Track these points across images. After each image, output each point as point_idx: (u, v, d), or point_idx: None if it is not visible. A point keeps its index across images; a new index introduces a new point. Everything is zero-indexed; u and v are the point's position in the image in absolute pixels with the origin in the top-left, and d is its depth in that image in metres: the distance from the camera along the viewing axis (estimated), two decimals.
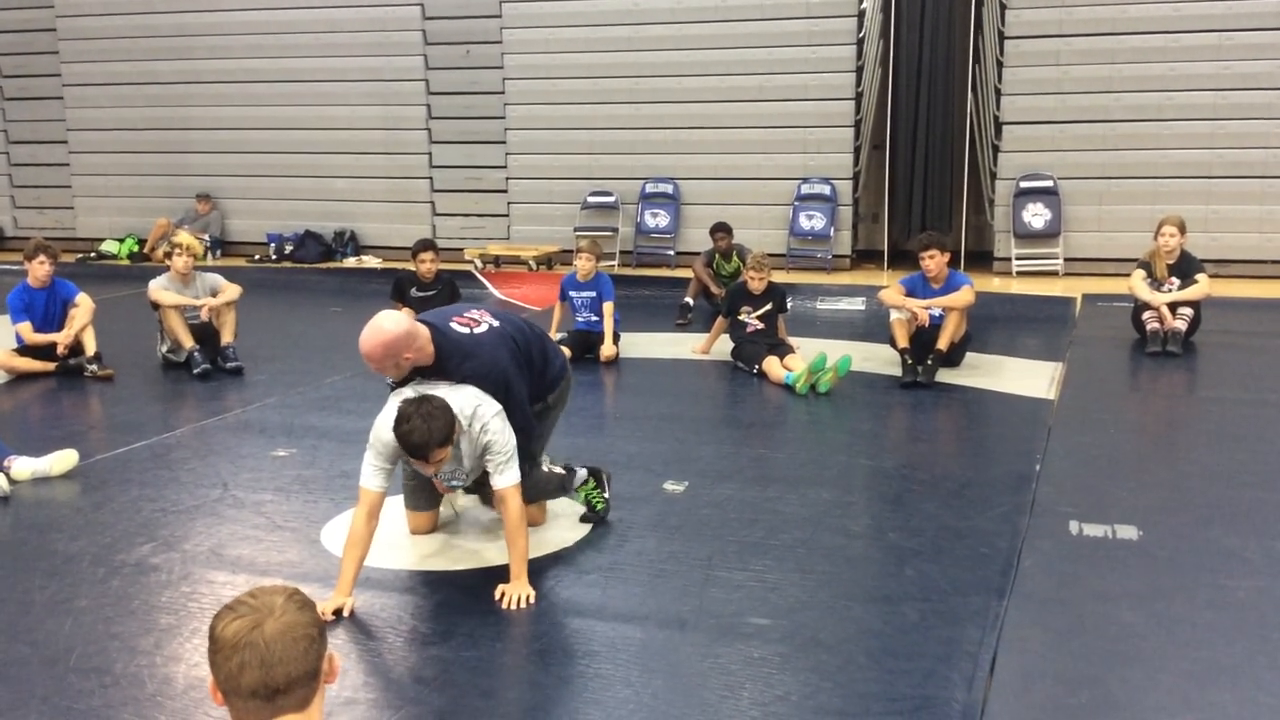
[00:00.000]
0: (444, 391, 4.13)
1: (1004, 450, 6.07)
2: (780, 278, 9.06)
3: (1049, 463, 5.61)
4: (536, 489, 4.59)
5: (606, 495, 4.86)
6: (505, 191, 13.52)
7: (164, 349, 8.13)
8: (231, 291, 8.17)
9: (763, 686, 3.45)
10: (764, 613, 3.95)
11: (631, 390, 7.69)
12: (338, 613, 3.92)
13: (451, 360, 4.24)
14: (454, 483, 4.45)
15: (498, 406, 4.20)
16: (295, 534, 4.82)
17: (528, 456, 4.41)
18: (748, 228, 11.70)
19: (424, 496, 4.73)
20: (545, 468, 4.74)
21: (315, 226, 13.97)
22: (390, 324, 4.14)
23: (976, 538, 4.64)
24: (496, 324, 4.43)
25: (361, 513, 4.08)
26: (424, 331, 4.22)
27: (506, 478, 4.16)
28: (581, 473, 4.86)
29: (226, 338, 8.04)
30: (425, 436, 3.91)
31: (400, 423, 3.95)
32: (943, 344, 7.50)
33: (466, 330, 4.34)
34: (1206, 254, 9.70)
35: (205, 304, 8.01)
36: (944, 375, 7.49)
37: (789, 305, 8.53)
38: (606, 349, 8.20)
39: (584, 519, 4.84)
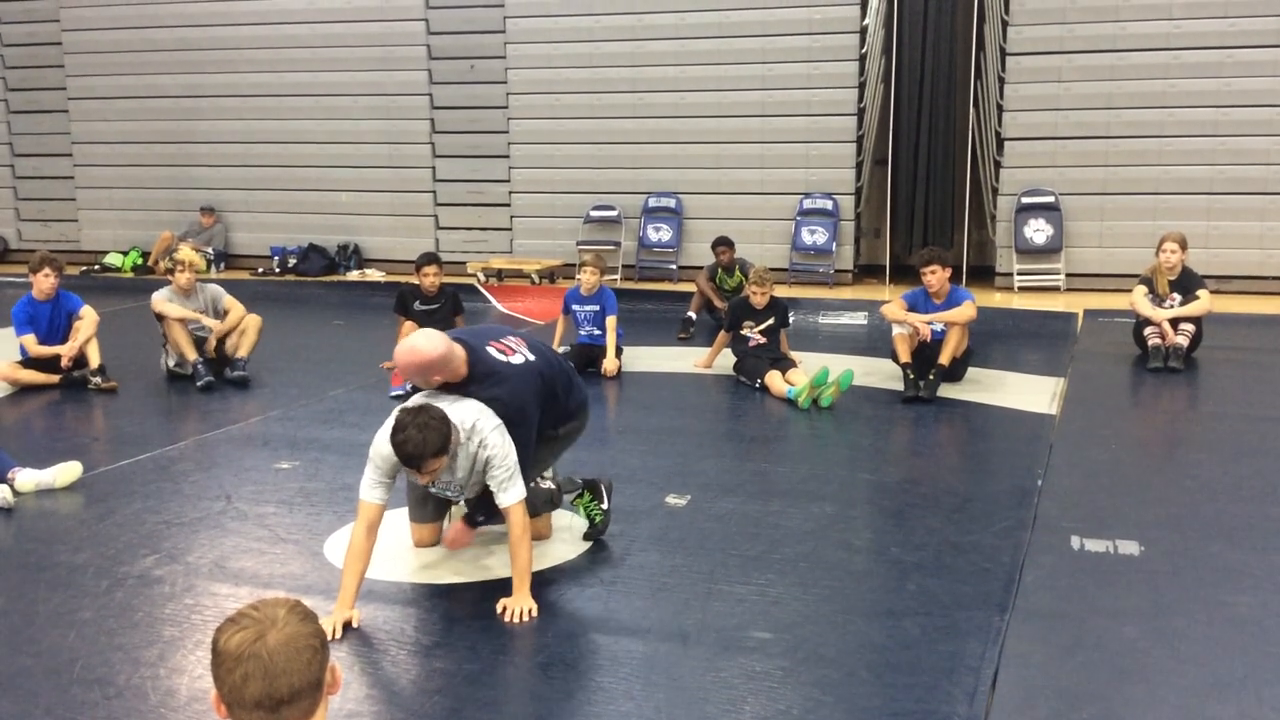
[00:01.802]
0: (445, 404, 4.15)
1: (1006, 465, 6.08)
2: (782, 292, 9.07)
3: (1051, 478, 5.61)
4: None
5: (605, 507, 4.84)
6: (508, 205, 13.56)
7: (169, 362, 8.15)
8: (234, 315, 8.17)
9: (765, 700, 3.45)
10: (766, 627, 3.95)
11: (634, 404, 7.70)
12: (345, 626, 3.93)
13: (482, 384, 4.27)
14: (448, 493, 4.46)
15: (497, 421, 4.21)
16: (298, 546, 4.83)
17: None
18: (750, 242, 11.73)
19: (428, 509, 4.74)
20: (532, 483, 4.73)
21: (319, 240, 14.01)
22: (427, 347, 4.15)
23: (978, 552, 4.64)
24: (532, 358, 4.45)
25: (361, 527, 4.09)
26: (460, 354, 4.24)
27: (510, 495, 4.17)
28: (576, 486, 4.86)
29: (242, 352, 8.06)
30: (420, 446, 3.92)
31: (396, 432, 3.97)
32: (944, 359, 7.51)
33: (503, 358, 4.36)
34: (1207, 270, 9.72)
35: (214, 328, 8.03)
36: (946, 390, 7.50)
37: (791, 320, 8.55)
38: (609, 363, 8.21)
39: (587, 536, 4.83)
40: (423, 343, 4.17)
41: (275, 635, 1.85)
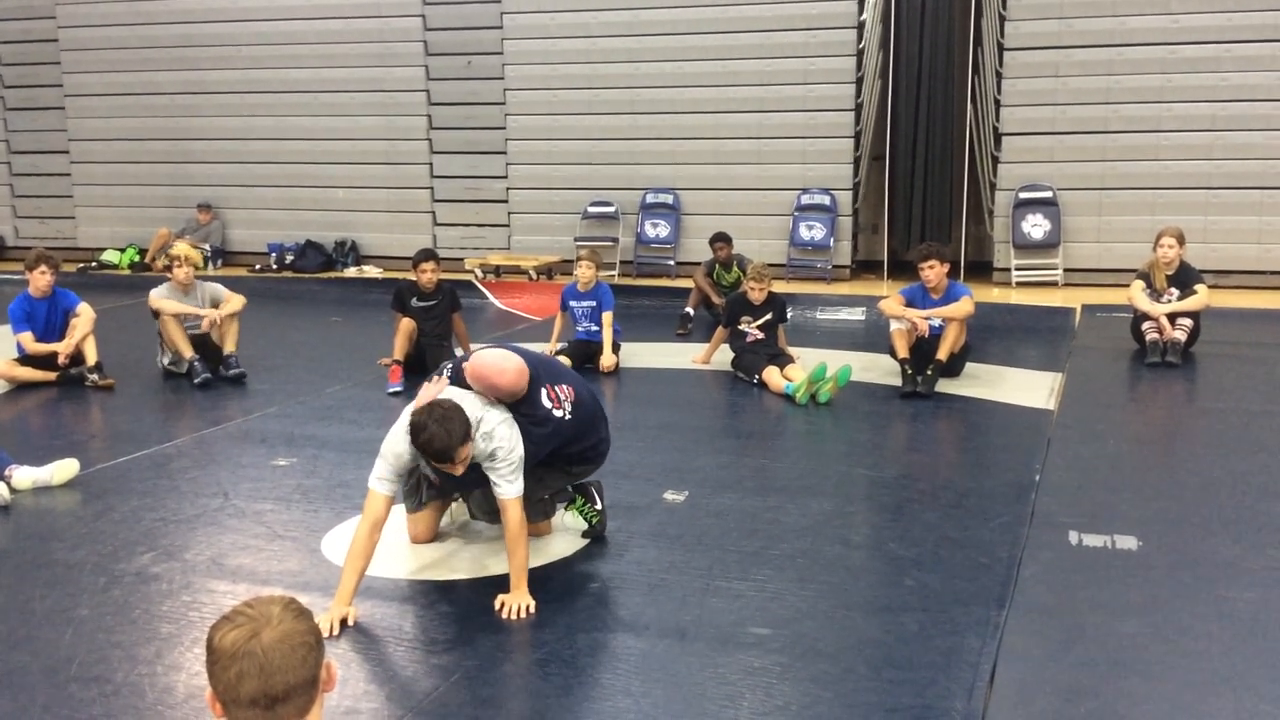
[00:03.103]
0: (454, 397, 4.17)
1: (1004, 460, 6.08)
2: (780, 288, 9.06)
3: (1049, 473, 5.61)
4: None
5: (599, 507, 4.84)
6: (506, 201, 13.55)
7: (164, 360, 8.14)
8: (235, 303, 8.19)
9: (763, 696, 3.45)
10: (764, 622, 3.95)
11: (631, 400, 7.69)
12: (342, 623, 3.93)
13: (523, 419, 4.32)
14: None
15: (505, 414, 4.24)
16: (296, 543, 4.83)
17: None
18: (748, 238, 11.72)
19: (423, 499, 4.74)
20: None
21: (316, 236, 14.00)
22: (513, 378, 4.24)
23: (976, 548, 4.64)
24: (569, 417, 4.49)
25: (365, 524, 4.09)
26: (524, 390, 4.32)
27: (510, 489, 4.18)
28: (567, 494, 4.86)
29: (229, 347, 8.06)
30: (446, 440, 3.95)
31: (418, 432, 3.97)
32: (942, 354, 7.51)
33: (548, 405, 4.44)
34: (1205, 265, 9.73)
35: (208, 315, 8.04)
36: (944, 385, 7.50)
37: (789, 315, 8.54)
38: (606, 359, 8.21)
39: (585, 535, 4.83)
40: (512, 373, 4.25)
41: (270, 633, 1.85)
